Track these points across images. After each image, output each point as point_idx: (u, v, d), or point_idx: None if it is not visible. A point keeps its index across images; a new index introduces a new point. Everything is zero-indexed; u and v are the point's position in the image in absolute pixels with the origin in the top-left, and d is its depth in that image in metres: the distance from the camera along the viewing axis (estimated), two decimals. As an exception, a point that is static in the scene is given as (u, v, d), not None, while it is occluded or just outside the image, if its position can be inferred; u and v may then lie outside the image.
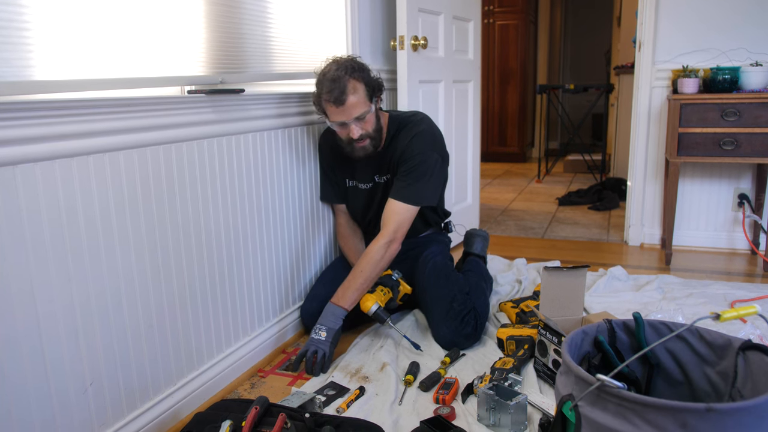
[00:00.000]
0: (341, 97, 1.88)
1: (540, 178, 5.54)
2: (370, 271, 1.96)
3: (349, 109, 1.91)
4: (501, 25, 6.46)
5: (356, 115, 1.92)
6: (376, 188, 2.18)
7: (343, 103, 1.89)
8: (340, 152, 2.15)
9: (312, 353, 1.86)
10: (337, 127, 1.98)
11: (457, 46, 3.08)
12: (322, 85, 1.92)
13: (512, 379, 1.65)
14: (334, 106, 1.90)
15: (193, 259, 1.64)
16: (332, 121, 1.96)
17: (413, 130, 2.07)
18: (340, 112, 1.91)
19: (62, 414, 1.27)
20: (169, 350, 1.58)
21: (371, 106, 1.96)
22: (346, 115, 1.92)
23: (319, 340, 1.88)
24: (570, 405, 1.06)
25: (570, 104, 6.67)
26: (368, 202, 2.22)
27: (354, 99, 1.90)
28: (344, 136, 1.99)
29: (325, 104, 1.93)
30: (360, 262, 1.98)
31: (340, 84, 1.88)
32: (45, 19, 1.23)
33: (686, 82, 2.72)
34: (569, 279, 1.93)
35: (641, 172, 3.21)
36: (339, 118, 1.93)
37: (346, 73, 1.90)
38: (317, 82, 1.95)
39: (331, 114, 1.94)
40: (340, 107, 1.90)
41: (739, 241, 3.07)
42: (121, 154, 1.39)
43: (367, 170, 2.16)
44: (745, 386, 1.14)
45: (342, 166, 2.21)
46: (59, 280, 1.24)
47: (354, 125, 1.94)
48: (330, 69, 1.92)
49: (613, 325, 1.31)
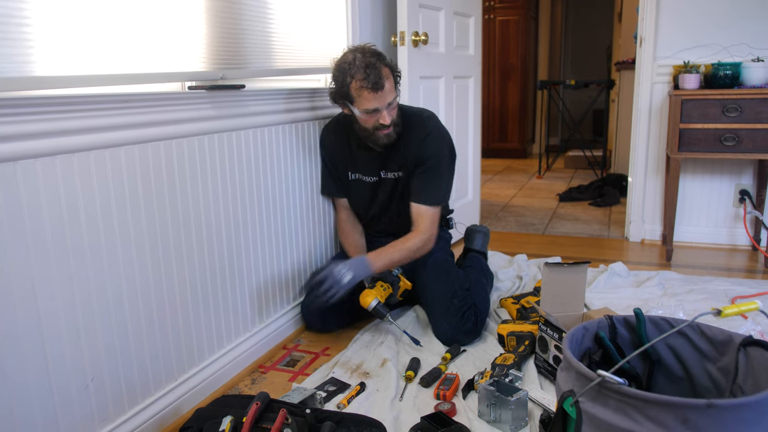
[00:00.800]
0: (380, 82, 1.87)
1: (541, 174, 5.53)
2: (405, 253, 2.01)
3: (386, 95, 1.90)
4: (502, 21, 6.44)
5: (389, 101, 1.92)
6: (381, 183, 2.17)
7: (381, 88, 1.88)
8: (343, 145, 2.15)
9: (327, 290, 1.87)
10: (366, 115, 1.94)
11: (457, 42, 3.07)
12: (351, 71, 1.88)
13: (513, 375, 1.65)
14: (372, 92, 1.88)
15: (194, 255, 1.64)
16: (363, 108, 1.92)
17: (425, 129, 2.07)
18: (377, 98, 1.89)
19: (64, 410, 1.27)
20: (170, 346, 1.58)
21: (398, 92, 1.98)
22: (382, 101, 1.91)
23: (341, 281, 1.89)
24: (571, 401, 1.06)
25: (571, 100, 6.66)
26: (372, 196, 2.21)
27: (389, 85, 1.91)
28: (371, 123, 1.96)
29: (360, 91, 1.89)
30: (400, 243, 2.02)
31: (376, 70, 1.87)
32: (45, 15, 1.22)
33: (687, 77, 2.72)
34: (570, 275, 1.93)
35: (642, 168, 3.20)
36: (374, 104, 1.91)
37: (378, 60, 1.90)
38: (341, 70, 1.92)
39: (366, 100, 1.90)
40: (378, 92, 1.88)
41: (740, 237, 3.06)
42: (122, 149, 1.39)
43: (372, 164, 2.15)
44: (746, 382, 1.14)
45: (345, 160, 2.20)
46: (60, 276, 1.24)
47: (386, 111, 1.93)
48: (356, 57, 1.90)
49: (613, 321, 1.31)
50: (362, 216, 2.29)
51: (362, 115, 1.95)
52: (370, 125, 1.97)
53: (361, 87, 1.88)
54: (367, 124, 1.98)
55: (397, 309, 2.25)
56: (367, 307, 1.96)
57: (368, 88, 1.87)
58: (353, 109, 1.96)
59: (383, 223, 2.24)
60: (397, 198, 2.17)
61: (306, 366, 1.92)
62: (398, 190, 2.15)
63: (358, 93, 1.90)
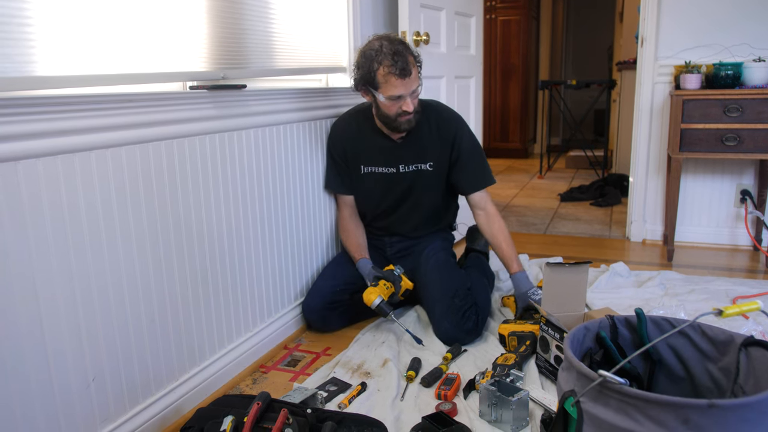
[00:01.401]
0: (407, 68, 1.93)
1: (542, 174, 5.53)
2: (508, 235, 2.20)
3: (412, 82, 1.96)
4: (503, 21, 6.44)
5: (413, 88, 1.98)
6: (399, 175, 2.18)
7: (409, 75, 1.94)
8: (356, 139, 2.19)
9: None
10: (390, 101, 1.98)
11: (459, 42, 3.07)
12: (378, 58, 1.93)
13: (514, 375, 1.65)
14: (400, 78, 1.93)
15: (195, 254, 1.65)
16: (389, 95, 1.96)
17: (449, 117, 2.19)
18: (404, 85, 1.94)
19: (65, 409, 1.27)
20: (171, 346, 1.58)
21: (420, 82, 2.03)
22: (408, 88, 1.96)
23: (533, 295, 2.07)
24: (572, 401, 1.06)
25: (572, 100, 6.65)
26: (386, 189, 2.21)
27: (414, 71, 1.97)
28: (394, 110, 2.01)
29: (387, 77, 1.93)
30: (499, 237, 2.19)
31: (403, 57, 1.92)
32: (46, 15, 1.23)
33: (689, 77, 2.71)
34: (571, 275, 1.93)
35: (643, 168, 3.20)
36: (400, 91, 1.95)
37: (405, 48, 1.96)
38: (367, 57, 1.96)
39: (393, 86, 1.94)
40: (406, 79, 1.94)
41: (741, 237, 3.06)
42: (123, 149, 1.39)
43: (390, 155, 2.18)
44: (747, 382, 1.14)
45: (358, 153, 2.21)
46: (62, 275, 1.25)
47: (409, 99, 1.98)
48: (383, 44, 1.94)
49: (615, 321, 1.31)
50: (371, 210, 2.28)
51: (386, 101, 1.99)
52: (393, 112, 2.01)
53: (388, 73, 1.93)
54: (390, 111, 2.02)
55: (399, 309, 2.25)
56: (371, 304, 1.96)
57: (396, 75, 1.92)
58: (378, 95, 1.99)
59: (392, 219, 2.25)
60: (417, 191, 2.20)
61: (307, 366, 1.92)
62: (420, 182, 2.18)
63: (385, 79, 1.94)
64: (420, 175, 2.17)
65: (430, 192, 2.21)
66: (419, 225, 2.27)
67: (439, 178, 2.20)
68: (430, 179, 2.18)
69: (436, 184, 2.21)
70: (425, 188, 2.20)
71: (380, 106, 2.02)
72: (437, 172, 2.18)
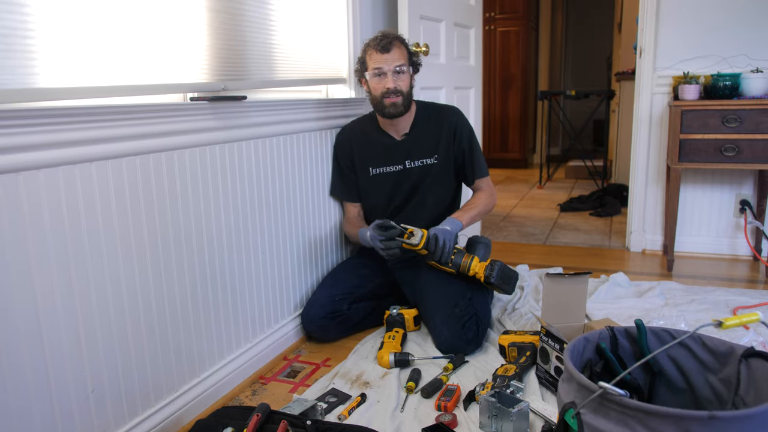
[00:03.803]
0: (388, 46, 2.07)
1: (541, 184, 5.54)
2: (481, 208, 2.23)
3: (392, 58, 2.08)
4: (502, 32, 6.47)
5: (396, 64, 2.08)
6: (406, 172, 2.26)
7: (387, 51, 2.07)
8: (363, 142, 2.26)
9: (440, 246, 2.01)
10: (374, 79, 2.11)
11: (458, 53, 3.09)
12: (368, 42, 2.13)
13: (514, 386, 1.64)
14: (379, 53, 2.08)
15: (195, 265, 1.65)
16: (371, 70, 2.10)
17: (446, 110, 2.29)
18: (384, 60, 2.08)
19: (64, 421, 1.27)
20: (170, 357, 1.58)
21: (410, 68, 2.14)
22: (388, 63, 2.08)
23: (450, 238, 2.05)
24: (572, 412, 1.05)
25: (571, 110, 6.67)
26: (395, 186, 2.27)
27: (398, 52, 2.09)
28: (380, 90, 2.11)
29: (370, 53, 2.10)
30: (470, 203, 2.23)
31: (388, 38, 2.10)
32: (48, 28, 1.23)
33: (687, 88, 2.73)
34: (571, 285, 1.93)
35: (642, 178, 3.21)
36: (380, 64, 2.08)
37: (394, 36, 2.13)
38: (365, 44, 2.15)
39: (374, 61, 2.09)
40: (384, 54, 2.07)
41: (741, 247, 3.06)
42: (124, 161, 1.39)
43: (396, 153, 2.25)
44: (748, 394, 1.14)
45: (365, 155, 2.28)
46: (61, 286, 1.25)
47: (391, 75, 2.08)
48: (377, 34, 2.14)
49: (615, 332, 1.31)
50: (381, 211, 2.31)
51: (372, 79, 2.12)
52: (379, 92, 2.11)
53: (371, 49, 2.10)
54: (376, 91, 2.12)
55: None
56: (389, 366, 1.90)
57: (377, 49, 2.08)
58: (367, 76, 2.13)
59: (402, 217, 2.26)
60: (426, 185, 2.26)
61: (307, 377, 1.92)
62: (428, 177, 2.25)
63: (369, 56, 2.11)
64: (426, 170, 2.25)
65: (437, 186, 2.28)
66: (425, 224, 2.27)
67: (446, 171, 2.27)
68: (436, 173, 2.26)
69: (442, 177, 2.28)
70: (432, 183, 2.27)
71: (370, 89, 2.15)
72: (443, 164, 2.26)
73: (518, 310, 2.35)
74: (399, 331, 2.06)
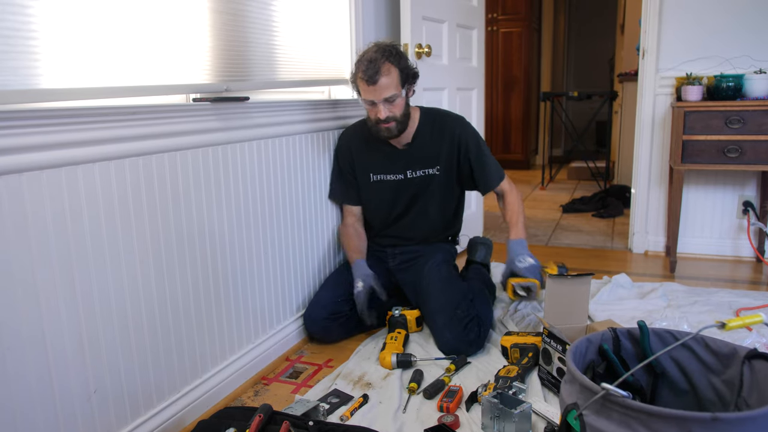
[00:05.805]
0: (374, 77, 1.98)
1: (544, 185, 5.53)
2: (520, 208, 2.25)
3: (380, 89, 1.99)
4: (505, 33, 6.47)
5: (386, 96, 2.01)
6: (407, 182, 2.23)
7: (374, 83, 1.98)
8: (364, 147, 2.23)
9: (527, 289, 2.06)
10: (367, 105, 2.07)
11: (461, 54, 3.09)
12: (359, 64, 2.01)
13: (516, 388, 1.64)
14: (367, 84, 2.00)
15: (197, 266, 1.65)
16: (362, 99, 2.06)
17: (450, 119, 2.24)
18: (371, 91, 2.00)
19: (66, 421, 1.27)
20: (173, 358, 1.58)
21: (402, 91, 2.05)
22: (376, 95, 2.01)
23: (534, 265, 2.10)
24: (575, 414, 1.05)
25: (574, 111, 6.67)
26: (395, 195, 2.25)
27: (386, 81, 1.99)
28: (372, 115, 2.07)
29: (359, 82, 2.02)
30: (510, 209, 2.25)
31: (375, 65, 1.97)
32: (51, 29, 1.24)
33: (690, 89, 2.72)
34: (573, 287, 1.92)
35: (645, 179, 3.20)
36: (369, 96, 2.02)
37: (383, 56, 1.99)
38: (356, 61, 2.05)
39: (363, 92, 2.04)
40: (371, 86, 1.99)
41: (744, 248, 3.05)
42: (127, 161, 1.39)
43: (398, 162, 2.22)
44: (751, 395, 1.14)
45: (367, 162, 2.25)
46: (64, 287, 1.25)
47: (382, 106, 2.02)
48: (369, 50, 2.03)
49: (617, 334, 1.31)
50: (382, 219, 2.30)
51: (363, 103, 2.08)
52: (372, 116, 2.08)
53: (360, 79, 2.01)
54: (370, 114, 2.09)
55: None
56: (392, 366, 1.91)
57: (364, 80, 1.99)
58: (359, 98, 2.09)
59: (401, 226, 2.27)
60: (427, 195, 2.24)
61: (309, 378, 1.92)
62: (430, 187, 2.22)
63: (359, 84, 2.04)
64: (428, 180, 2.22)
65: (438, 197, 2.24)
66: (427, 233, 2.28)
67: (448, 181, 2.24)
68: (438, 183, 2.22)
69: (444, 187, 2.24)
70: (433, 193, 2.23)
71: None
72: (445, 175, 2.22)
73: (520, 311, 2.35)
74: (401, 332, 2.06)
